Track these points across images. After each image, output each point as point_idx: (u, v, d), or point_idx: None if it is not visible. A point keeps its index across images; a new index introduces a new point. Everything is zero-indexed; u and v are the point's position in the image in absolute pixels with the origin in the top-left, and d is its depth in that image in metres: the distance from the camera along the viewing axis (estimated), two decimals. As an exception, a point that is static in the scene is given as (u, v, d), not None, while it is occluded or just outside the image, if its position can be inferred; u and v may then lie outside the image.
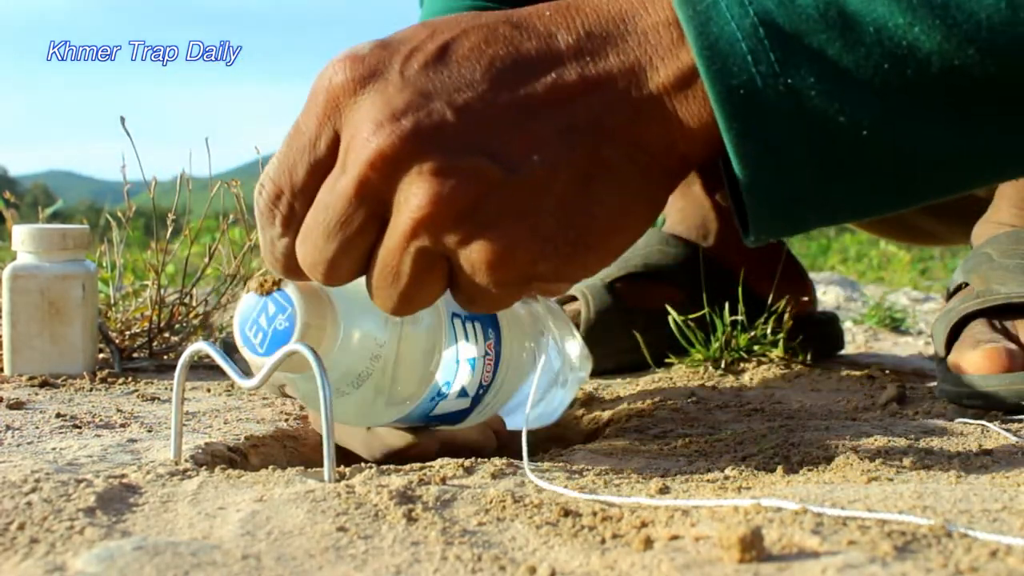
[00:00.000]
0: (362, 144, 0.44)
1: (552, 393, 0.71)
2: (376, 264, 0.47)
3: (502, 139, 0.44)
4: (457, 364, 0.58)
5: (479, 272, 0.45)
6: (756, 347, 1.04)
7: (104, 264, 1.15)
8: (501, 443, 0.66)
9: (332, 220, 0.46)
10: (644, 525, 0.43)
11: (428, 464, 0.55)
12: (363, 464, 0.55)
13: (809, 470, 0.55)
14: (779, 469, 0.55)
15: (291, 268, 0.49)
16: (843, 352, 1.20)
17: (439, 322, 0.57)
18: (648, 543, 0.40)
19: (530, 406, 0.67)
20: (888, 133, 0.43)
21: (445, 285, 0.47)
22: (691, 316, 1.03)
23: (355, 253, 0.47)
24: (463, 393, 0.59)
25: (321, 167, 0.46)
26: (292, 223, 0.48)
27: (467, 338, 0.59)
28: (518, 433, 0.57)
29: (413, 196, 0.44)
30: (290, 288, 0.51)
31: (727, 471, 0.55)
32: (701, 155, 0.46)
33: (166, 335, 1.08)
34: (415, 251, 0.45)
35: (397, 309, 0.48)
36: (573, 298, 1.09)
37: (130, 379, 0.92)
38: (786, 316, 1.04)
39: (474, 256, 0.45)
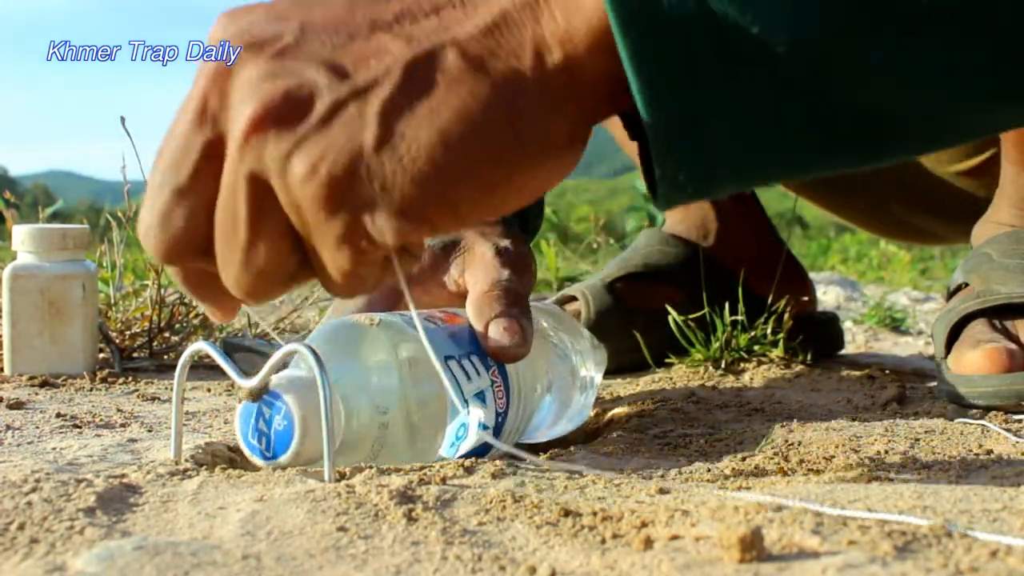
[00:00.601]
0: (201, 65, 0.41)
1: (576, 398, 0.71)
2: (215, 218, 0.41)
3: (342, 50, 0.40)
4: (467, 403, 0.58)
5: (299, 192, 0.39)
6: (756, 347, 1.04)
7: (104, 264, 1.15)
8: None
9: (167, 161, 0.41)
10: (644, 525, 0.43)
11: (428, 464, 0.55)
12: (363, 464, 0.55)
13: (809, 470, 0.55)
14: (779, 469, 0.55)
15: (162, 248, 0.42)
16: (843, 352, 1.20)
17: (437, 371, 0.57)
18: (648, 543, 0.40)
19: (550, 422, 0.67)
20: (808, 54, 0.37)
21: (292, 244, 0.41)
22: (691, 316, 1.03)
23: (190, 205, 0.41)
24: (483, 427, 0.60)
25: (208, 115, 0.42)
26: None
27: (468, 376, 0.59)
28: None
29: (240, 104, 0.40)
30: (278, 385, 0.51)
31: (727, 471, 0.55)
32: (595, 72, 0.39)
33: (166, 335, 1.08)
34: (246, 178, 0.40)
35: (246, 282, 0.41)
36: (573, 298, 1.09)
37: (130, 379, 0.92)
38: (786, 316, 1.04)
39: (294, 170, 0.39)
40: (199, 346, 0.53)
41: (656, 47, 0.37)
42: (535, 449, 0.68)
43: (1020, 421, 0.72)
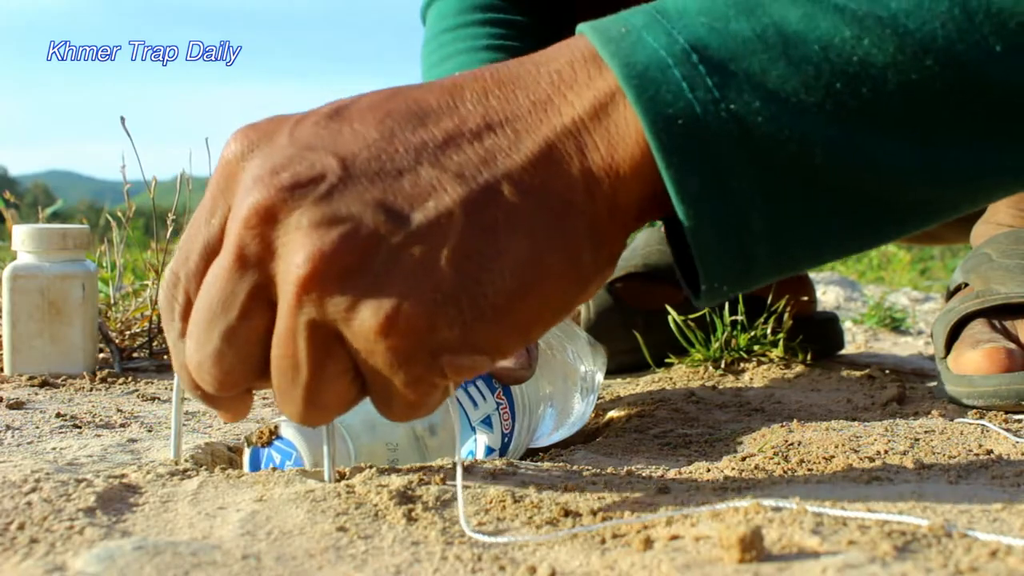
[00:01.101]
0: (238, 205, 0.39)
1: (576, 406, 0.71)
2: (272, 356, 0.40)
3: (392, 187, 0.39)
4: (473, 431, 0.59)
5: (373, 345, 0.38)
6: (756, 347, 1.04)
7: (104, 264, 1.15)
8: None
9: (214, 302, 0.40)
10: (644, 525, 0.42)
11: (428, 464, 0.55)
12: (363, 464, 0.55)
13: (809, 470, 0.55)
14: (779, 469, 0.55)
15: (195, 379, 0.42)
16: (843, 352, 1.20)
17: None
18: (648, 543, 0.40)
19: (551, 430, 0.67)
20: (846, 159, 0.39)
21: (353, 376, 0.40)
22: (691, 316, 1.03)
23: (243, 343, 0.40)
24: (489, 451, 0.60)
25: (214, 246, 0.41)
26: (189, 316, 0.42)
27: (474, 403, 0.59)
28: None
29: (293, 254, 0.38)
30: (288, 432, 0.52)
31: (727, 471, 0.55)
32: (635, 197, 0.40)
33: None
34: (306, 325, 0.38)
35: (307, 415, 0.41)
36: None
37: (130, 379, 0.92)
38: (786, 316, 1.04)
39: (365, 323, 0.38)
40: (199, 346, 0.53)
41: (699, 175, 0.39)
42: (536, 450, 0.68)
43: (1020, 421, 0.72)
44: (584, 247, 0.40)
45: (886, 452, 0.60)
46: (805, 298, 1.13)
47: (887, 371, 1.03)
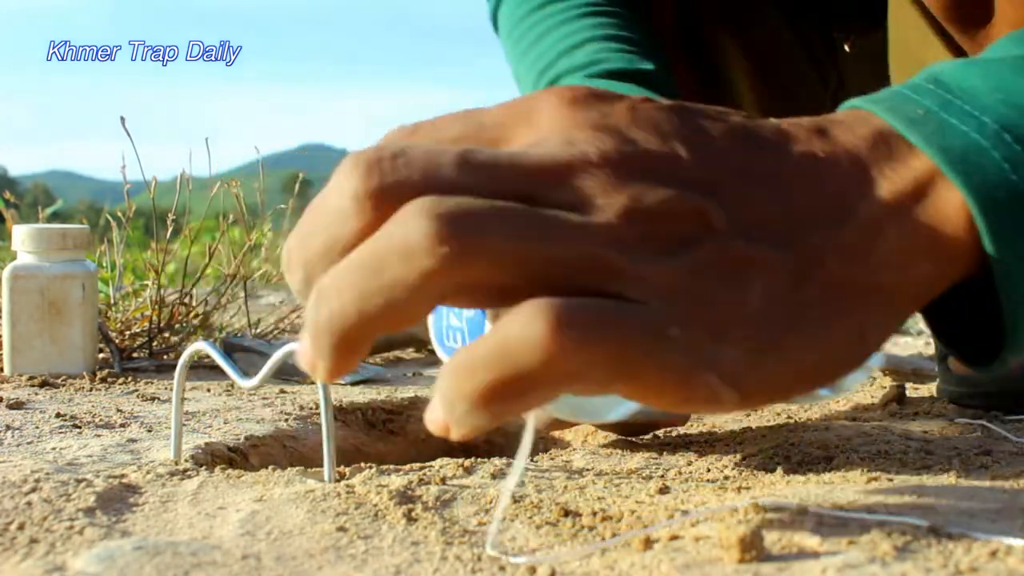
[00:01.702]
0: (557, 128, 0.36)
1: None
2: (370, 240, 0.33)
3: (730, 196, 0.36)
4: None
5: (660, 301, 0.34)
6: (756, 347, 1.04)
7: (104, 264, 1.15)
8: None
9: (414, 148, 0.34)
10: (644, 525, 0.42)
11: (428, 464, 0.55)
12: (363, 464, 0.55)
13: (809, 470, 0.55)
14: (779, 469, 0.55)
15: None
16: (843, 352, 1.20)
17: None
18: (648, 543, 0.40)
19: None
20: None
21: (426, 305, 0.33)
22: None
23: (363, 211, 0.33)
24: None
25: (482, 139, 0.37)
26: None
27: None
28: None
29: (603, 203, 0.34)
30: None
31: (727, 471, 0.55)
32: (947, 273, 0.39)
33: (166, 335, 1.08)
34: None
35: (351, 311, 0.32)
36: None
37: (130, 379, 0.92)
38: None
39: (661, 280, 0.34)
40: (199, 346, 0.53)
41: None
42: (535, 450, 0.68)
43: (1020, 421, 0.72)
44: (873, 331, 0.38)
45: (886, 452, 0.60)
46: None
47: (887, 371, 1.03)
